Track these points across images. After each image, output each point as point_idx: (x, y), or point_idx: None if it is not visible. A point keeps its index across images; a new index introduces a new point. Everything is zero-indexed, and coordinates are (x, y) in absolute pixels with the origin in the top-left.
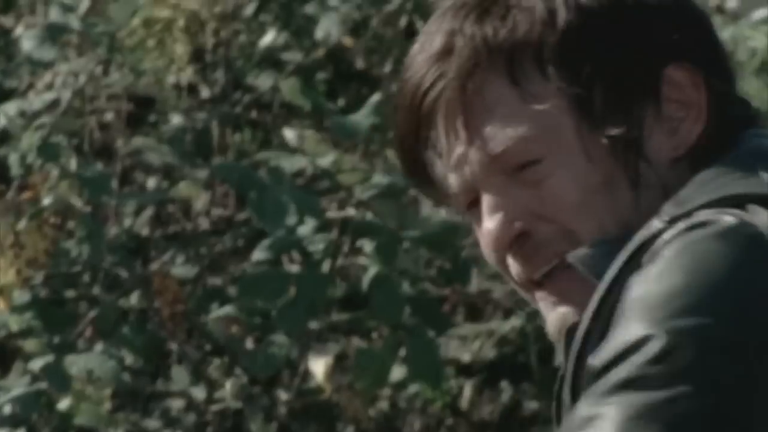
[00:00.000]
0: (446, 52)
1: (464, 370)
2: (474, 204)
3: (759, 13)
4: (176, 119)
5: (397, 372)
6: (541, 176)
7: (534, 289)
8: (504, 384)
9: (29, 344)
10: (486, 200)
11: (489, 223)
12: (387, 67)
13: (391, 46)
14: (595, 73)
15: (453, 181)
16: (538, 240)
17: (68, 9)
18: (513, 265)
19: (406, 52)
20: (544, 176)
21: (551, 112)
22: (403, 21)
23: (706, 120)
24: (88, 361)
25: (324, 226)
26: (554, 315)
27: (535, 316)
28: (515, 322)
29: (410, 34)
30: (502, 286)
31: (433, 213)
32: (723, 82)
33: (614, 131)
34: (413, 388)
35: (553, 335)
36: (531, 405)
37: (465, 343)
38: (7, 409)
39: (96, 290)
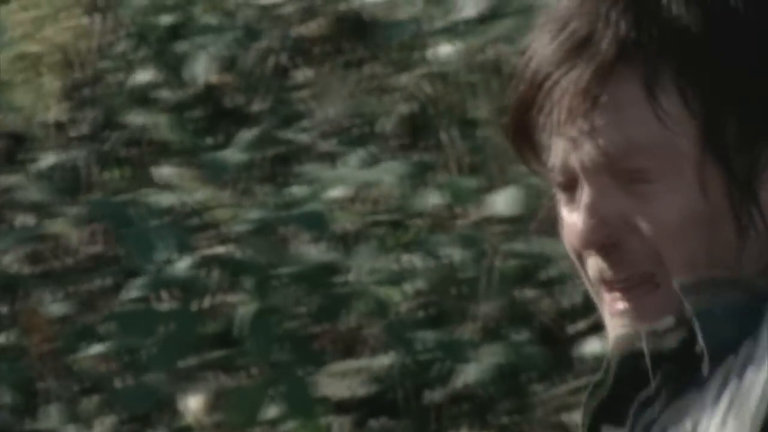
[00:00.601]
0: (586, 39)
1: (337, 407)
2: (568, 187)
3: None
4: (48, 156)
5: (272, 409)
6: (649, 193)
7: (606, 290)
8: (376, 421)
9: None
10: (586, 195)
11: (580, 220)
12: (259, 105)
13: (263, 84)
14: (734, 108)
15: (556, 159)
16: (625, 251)
17: None
18: (591, 263)
19: (278, 89)
20: (653, 195)
21: (680, 134)
22: (276, 58)
23: None
24: None
25: (197, 263)
26: (619, 324)
27: (405, 353)
28: (387, 359)
29: (282, 71)
30: (375, 323)
31: (305, 250)
32: None
33: (737, 170)
34: (287, 425)
35: (620, 352)
36: None
37: (338, 380)
38: None
39: None
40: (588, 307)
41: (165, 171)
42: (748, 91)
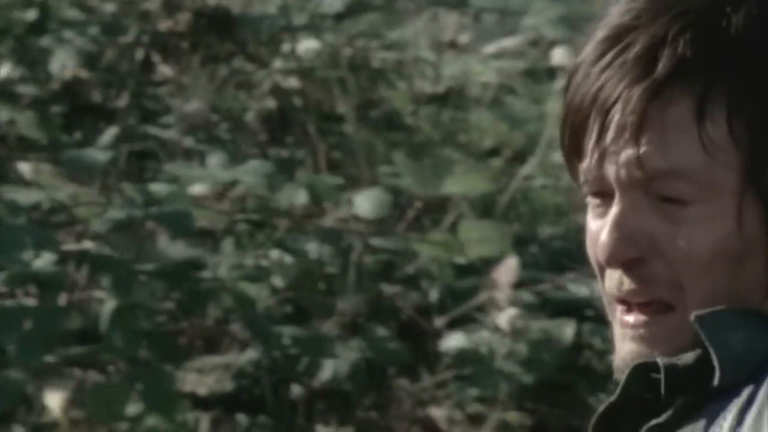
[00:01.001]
0: (644, 56)
1: (201, 403)
2: (598, 196)
3: (489, 48)
4: None
5: (134, 405)
6: (681, 217)
7: (621, 308)
8: (240, 416)
9: None
10: (617, 208)
11: (607, 234)
12: (123, 101)
13: (127, 79)
14: None
15: (594, 167)
16: (648, 273)
17: None
18: (611, 276)
19: (141, 85)
20: (687, 220)
21: (722, 163)
22: (139, 54)
23: None
24: None
25: (61, 260)
26: (630, 347)
27: (269, 348)
28: (251, 354)
29: (147, 66)
30: (238, 319)
31: (170, 246)
32: None
33: None
34: (150, 421)
35: (620, 364)
36: None
37: (202, 376)
38: None
39: None
40: (451, 302)
41: (27, 167)
42: None
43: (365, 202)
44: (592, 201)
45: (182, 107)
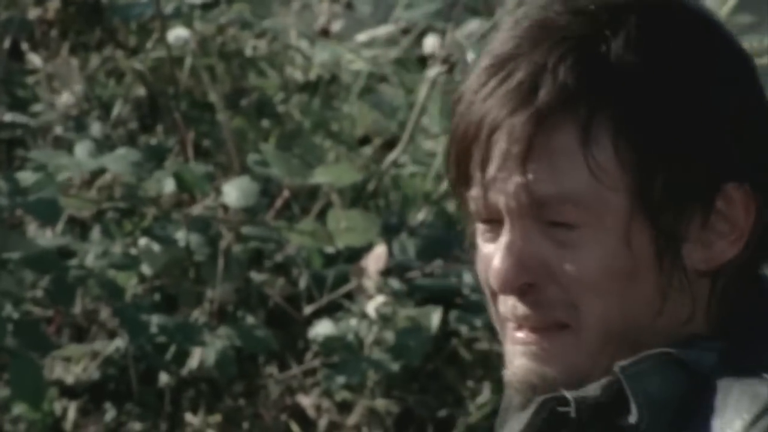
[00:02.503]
0: (526, 84)
1: (68, 392)
2: (489, 222)
3: (361, 37)
4: None
5: (1, 393)
6: (571, 241)
7: (514, 329)
8: (108, 405)
9: None
10: (507, 235)
11: (499, 261)
12: None
13: None
14: (665, 163)
15: (482, 193)
16: (542, 298)
17: None
18: (504, 302)
19: (11, 73)
20: (575, 243)
21: (609, 186)
22: (7, 42)
23: (743, 246)
24: None
25: None
26: (522, 362)
27: (138, 337)
28: (119, 343)
29: (15, 54)
30: (108, 307)
31: (38, 234)
32: None
33: (664, 226)
34: (17, 410)
35: (512, 379)
36: (134, 426)
37: (69, 365)
38: None
39: None
40: (320, 290)
41: None
42: (680, 147)
43: (233, 191)
44: (481, 227)
45: (52, 96)
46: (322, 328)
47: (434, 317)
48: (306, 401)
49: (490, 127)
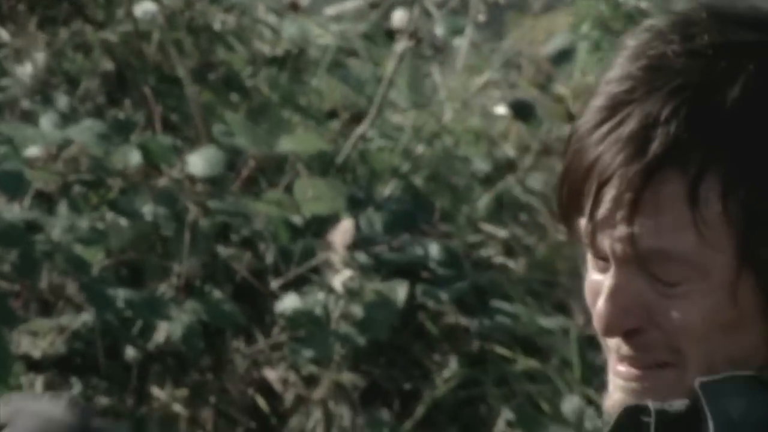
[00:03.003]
0: (642, 140)
1: (35, 366)
2: (597, 257)
3: (329, 11)
4: None
5: None
6: (676, 293)
7: (616, 361)
8: (74, 379)
9: None
10: (612, 279)
11: (603, 305)
12: None
13: None
14: None
15: (588, 231)
16: (646, 341)
17: None
18: (610, 340)
19: None
20: (680, 295)
21: (715, 244)
22: None
23: None
24: None
25: None
26: (620, 397)
27: (103, 311)
28: (86, 317)
29: None
30: (74, 281)
31: (5, 209)
32: None
33: None
34: None
35: (608, 409)
36: (101, 400)
37: (36, 339)
38: None
39: None
40: (287, 264)
41: None
42: None
43: (199, 161)
44: (590, 257)
45: (20, 69)
46: (289, 302)
47: (401, 291)
48: (273, 375)
49: (602, 173)
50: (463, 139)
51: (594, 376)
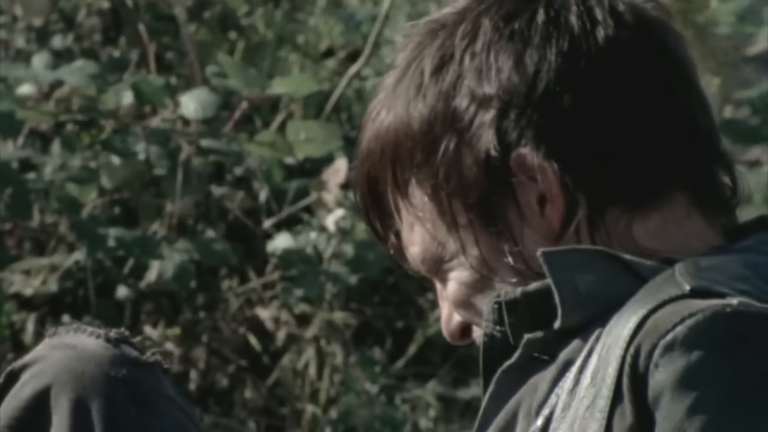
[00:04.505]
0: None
1: (27, 304)
2: None
3: None
4: None
5: None
6: (445, 277)
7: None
8: (66, 318)
9: None
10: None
11: (441, 309)
12: None
13: None
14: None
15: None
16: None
17: None
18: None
19: None
20: (447, 277)
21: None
22: None
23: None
24: None
25: None
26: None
27: (94, 250)
28: (78, 256)
29: None
30: (67, 220)
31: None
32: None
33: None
34: None
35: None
36: None
37: (28, 278)
38: None
39: None
40: (280, 204)
41: None
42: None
43: (191, 103)
44: None
45: (13, 7)
46: (282, 242)
47: None
48: (265, 314)
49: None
50: None
51: None
